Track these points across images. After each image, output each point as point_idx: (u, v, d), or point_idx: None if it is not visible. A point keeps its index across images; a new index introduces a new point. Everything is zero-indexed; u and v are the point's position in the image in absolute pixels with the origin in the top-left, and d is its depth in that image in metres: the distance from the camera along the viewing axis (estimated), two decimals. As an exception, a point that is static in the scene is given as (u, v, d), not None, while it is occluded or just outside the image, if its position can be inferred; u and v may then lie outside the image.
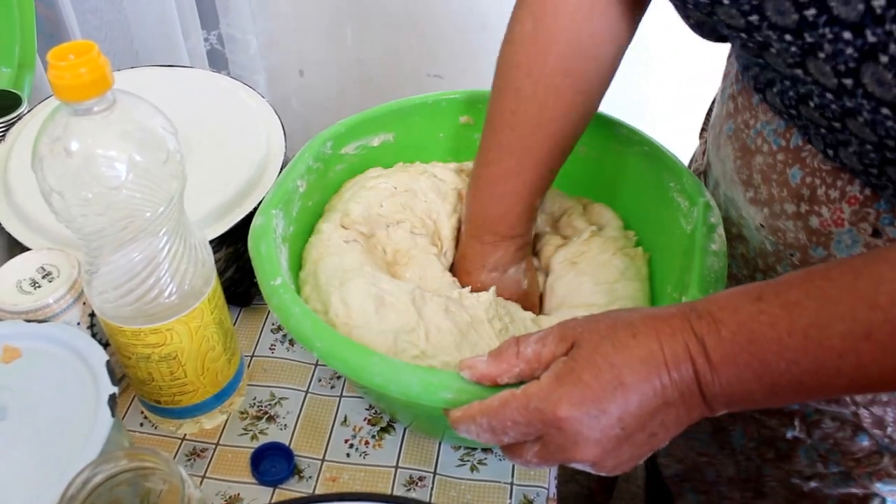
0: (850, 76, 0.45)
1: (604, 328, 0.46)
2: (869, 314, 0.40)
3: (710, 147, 0.74)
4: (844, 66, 0.45)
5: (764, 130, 0.62)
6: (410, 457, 0.65)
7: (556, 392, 0.44)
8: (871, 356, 0.40)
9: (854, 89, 0.45)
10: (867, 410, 0.64)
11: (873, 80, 0.43)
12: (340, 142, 0.71)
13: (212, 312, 0.60)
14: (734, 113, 0.66)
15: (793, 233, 0.61)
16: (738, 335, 0.43)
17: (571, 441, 0.45)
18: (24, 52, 0.98)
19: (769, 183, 0.62)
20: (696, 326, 0.44)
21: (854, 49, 0.43)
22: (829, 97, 0.49)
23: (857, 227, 0.56)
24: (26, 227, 0.70)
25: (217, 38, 1.62)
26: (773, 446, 0.75)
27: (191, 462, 0.65)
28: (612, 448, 0.45)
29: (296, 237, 0.65)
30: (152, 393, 0.62)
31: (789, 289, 0.43)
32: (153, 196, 0.50)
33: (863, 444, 0.67)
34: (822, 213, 0.58)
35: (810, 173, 0.58)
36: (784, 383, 0.42)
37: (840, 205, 0.56)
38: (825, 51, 0.45)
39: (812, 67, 0.48)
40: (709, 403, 0.45)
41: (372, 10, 1.69)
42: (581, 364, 0.45)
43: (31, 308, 0.59)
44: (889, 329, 0.39)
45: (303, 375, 0.72)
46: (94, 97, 0.46)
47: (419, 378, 0.50)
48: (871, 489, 0.68)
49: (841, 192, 0.56)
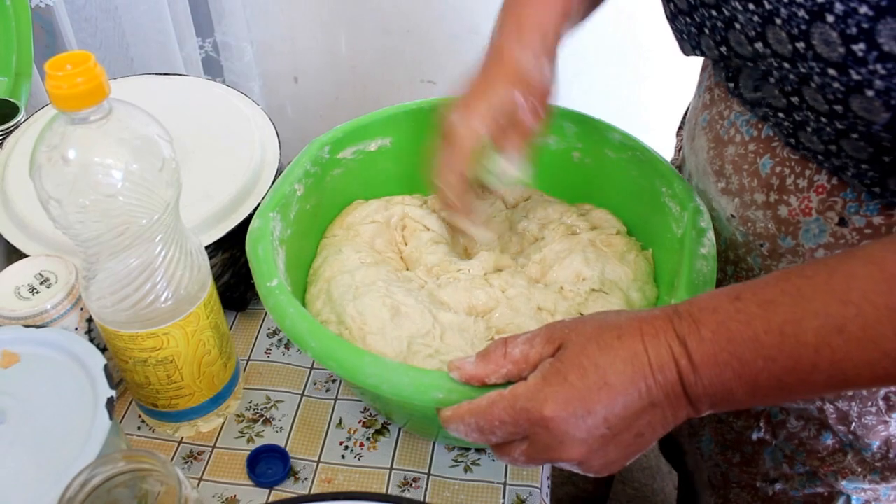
0: (801, 39, 0.47)
1: (590, 330, 0.47)
2: (841, 309, 0.41)
3: (685, 140, 0.76)
4: (797, 28, 0.47)
5: (737, 121, 0.63)
6: (405, 458, 0.66)
7: (542, 392, 0.45)
8: (844, 350, 0.41)
9: (805, 52, 0.47)
10: (832, 406, 0.65)
11: (821, 40, 0.45)
12: (338, 146, 0.72)
13: (208, 317, 0.61)
14: (710, 104, 0.68)
15: (762, 222, 0.63)
16: (717, 335, 0.44)
17: (558, 440, 0.45)
18: (20, 61, 0.99)
19: (740, 173, 0.64)
20: (678, 328, 0.45)
21: (805, 11, 0.45)
22: (787, 67, 0.51)
23: (824, 215, 0.58)
24: (24, 235, 0.71)
25: (212, 45, 1.63)
26: (738, 450, 0.76)
27: (188, 465, 0.65)
28: (599, 447, 0.46)
29: (293, 240, 0.66)
30: (149, 397, 0.63)
31: (766, 287, 0.44)
32: (149, 203, 0.51)
33: (827, 443, 0.67)
34: (790, 203, 0.60)
35: (780, 163, 0.60)
36: (763, 381, 0.43)
37: (808, 194, 0.58)
38: (781, 16, 0.47)
39: (770, 35, 0.50)
40: (694, 404, 0.46)
41: (365, 17, 1.70)
42: (567, 365, 0.46)
43: (30, 314, 0.60)
44: (861, 323, 0.41)
45: (298, 379, 0.73)
46: (91, 106, 0.47)
47: (411, 378, 0.51)
48: (836, 487, 0.69)
49: (809, 181, 0.58)
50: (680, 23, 0.61)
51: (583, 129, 0.75)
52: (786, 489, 0.73)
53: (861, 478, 0.67)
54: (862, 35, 0.43)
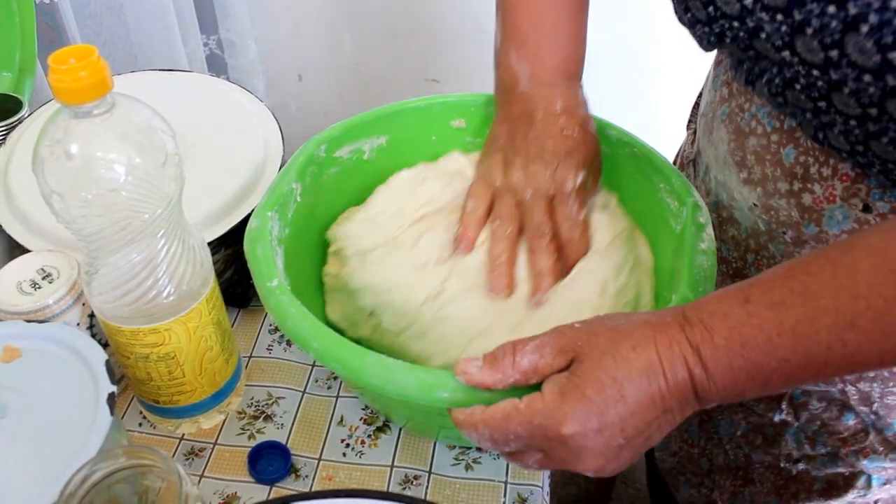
0: (835, 48, 0.48)
1: (604, 342, 0.46)
2: (851, 304, 0.41)
3: (701, 133, 0.76)
4: (830, 38, 0.47)
5: (759, 113, 0.63)
6: (406, 456, 0.66)
7: (560, 409, 0.45)
8: (856, 344, 0.41)
9: (839, 60, 0.48)
10: (854, 387, 0.66)
11: (856, 49, 0.46)
12: (334, 145, 0.72)
13: (210, 313, 0.61)
14: (728, 98, 0.68)
15: (786, 210, 0.63)
16: (730, 341, 0.44)
17: (575, 454, 0.46)
18: (24, 56, 0.99)
19: (763, 163, 0.64)
20: (690, 336, 0.45)
21: (838, 21, 0.46)
22: (816, 74, 0.51)
23: (849, 202, 0.58)
24: (27, 230, 0.71)
25: (216, 42, 1.63)
26: (760, 432, 0.76)
27: (189, 461, 0.65)
28: (613, 456, 0.46)
29: (291, 239, 0.66)
30: (151, 393, 0.63)
31: (773, 287, 0.44)
32: (152, 198, 0.51)
33: (849, 423, 0.68)
34: (814, 191, 0.60)
35: (804, 152, 0.60)
36: (775, 379, 0.44)
37: (832, 182, 0.58)
38: (812, 26, 0.48)
39: (800, 45, 0.50)
40: (701, 403, 0.46)
41: (370, 15, 1.70)
42: (584, 380, 0.45)
43: (32, 309, 0.60)
44: (871, 316, 0.41)
45: (300, 376, 0.72)
46: (94, 100, 0.47)
47: (415, 378, 0.50)
48: (857, 467, 0.70)
49: (833, 169, 0.58)
50: (700, 30, 0.60)
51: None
52: (808, 468, 0.74)
53: (883, 456, 0.68)
54: None
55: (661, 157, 0.69)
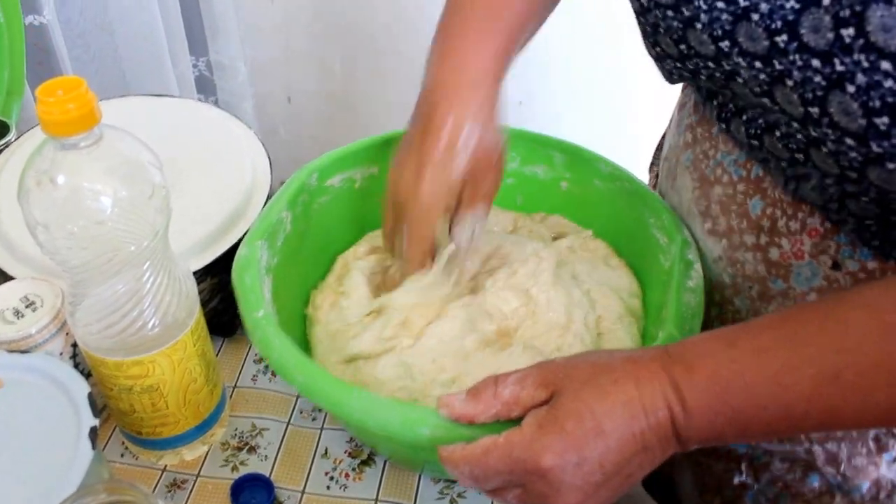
0: (816, 105, 0.45)
1: (585, 375, 0.46)
2: (836, 358, 0.41)
3: (664, 178, 0.74)
4: (812, 94, 0.45)
5: (724, 161, 0.62)
6: (391, 490, 0.65)
7: (538, 441, 0.45)
8: (838, 398, 0.41)
9: (820, 118, 0.45)
10: (821, 447, 0.63)
11: (840, 109, 0.43)
12: (325, 174, 0.72)
13: (195, 344, 0.60)
14: (692, 143, 0.66)
15: (752, 265, 0.61)
16: (711, 382, 0.44)
17: (554, 489, 0.45)
18: (12, 78, 0.99)
19: (728, 214, 0.62)
20: (671, 373, 0.45)
21: (822, 77, 0.43)
22: (795, 126, 0.49)
23: (818, 259, 0.57)
24: (11, 256, 0.70)
25: (206, 64, 1.63)
26: (718, 493, 0.73)
27: (171, 494, 0.64)
28: (593, 493, 0.46)
29: (280, 268, 0.66)
30: (134, 424, 0.62)
31: (760, 333, 0.44)
32: (138, 230, 0.51)
33: (814, 485, 0.65)
34: (782, 245, 0.58)
35: (771, 204, 0.58)
36: (755, 426, 0.43)
37: (801, 237, 0.57)
38: (794, 78, 0.45)
39: (779, 95, 0.48)
40: (683, 444, 0.46)
41: (360, 38, 1.71)
42: (563, 412, 0.45)
43: (14, 338, 0.60)
44: (854, 371, 0.41)
45: (284, 407, 0.72)
46: (82, 133, 0.47)
47: (398, 413, 0.50)
48: None
49: (802, 223, 0.57)
50: (669, 65, 0.58)
51: (571, 159, 0.76)
52: None
53: None
54: (885, 109, 0.41)
55: (651, 192, 0.70)
